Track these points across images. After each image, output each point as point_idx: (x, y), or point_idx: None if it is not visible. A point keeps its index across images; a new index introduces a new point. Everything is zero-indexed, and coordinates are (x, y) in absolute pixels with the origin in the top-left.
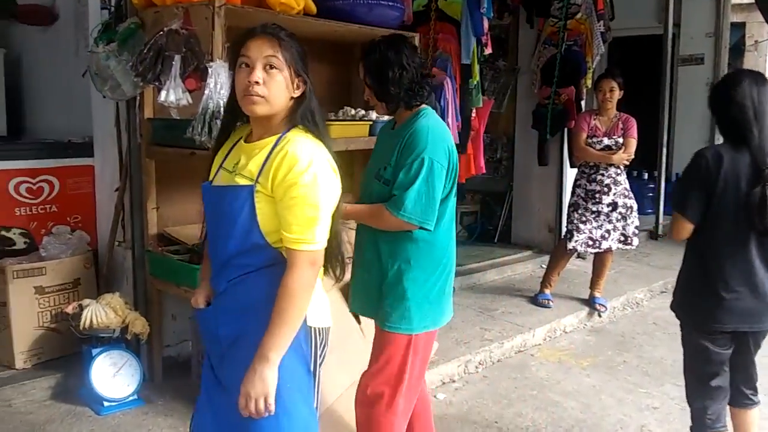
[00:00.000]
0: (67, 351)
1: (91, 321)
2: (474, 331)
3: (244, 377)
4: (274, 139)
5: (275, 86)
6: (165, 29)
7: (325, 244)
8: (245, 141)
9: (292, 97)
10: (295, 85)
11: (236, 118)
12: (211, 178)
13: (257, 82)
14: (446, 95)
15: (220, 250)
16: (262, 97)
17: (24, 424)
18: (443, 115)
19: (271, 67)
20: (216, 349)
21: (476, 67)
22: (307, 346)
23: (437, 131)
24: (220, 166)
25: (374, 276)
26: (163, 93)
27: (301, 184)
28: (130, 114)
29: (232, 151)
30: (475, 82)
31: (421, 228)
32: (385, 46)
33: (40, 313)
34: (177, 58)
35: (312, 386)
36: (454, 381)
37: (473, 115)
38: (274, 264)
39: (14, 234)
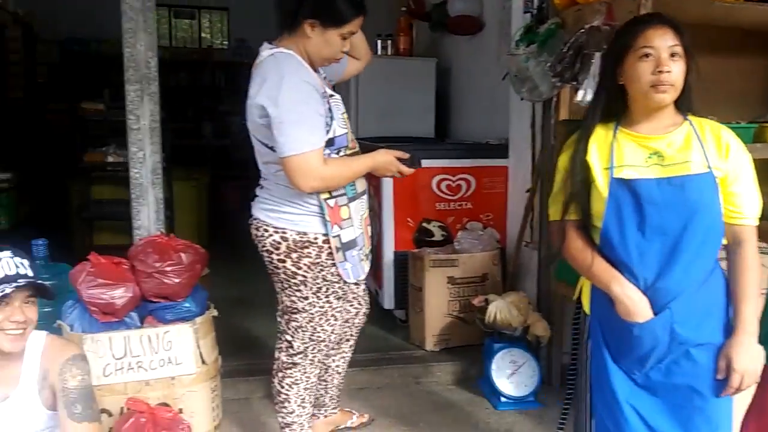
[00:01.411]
0: (470, 341)
1: (496, 316)
2: None
3: (733, 355)
4: (686, 125)
5: (680, 74)
6: (586, 27)
7: None
8: (636, 133)
9: None
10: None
11: (609, 111)
12: (613, 174)
13: (669, 71)
14: None
15: (683, 247)
16: (672, 85)
17: (429, 403)
18: None
19: (674, 55)
20: (656, 357)
21: None
22: None
23: None
24: (612, 164)
25: None
26: (581, 93)
27: (748, 164)
28: (545, 116)
29: (616, 146)
30: None
31: None
32: None
33: (450, 301)
34: (596, 56)
35: None
36: None
37: None
38: (717, 255)
39: (434, 226)
